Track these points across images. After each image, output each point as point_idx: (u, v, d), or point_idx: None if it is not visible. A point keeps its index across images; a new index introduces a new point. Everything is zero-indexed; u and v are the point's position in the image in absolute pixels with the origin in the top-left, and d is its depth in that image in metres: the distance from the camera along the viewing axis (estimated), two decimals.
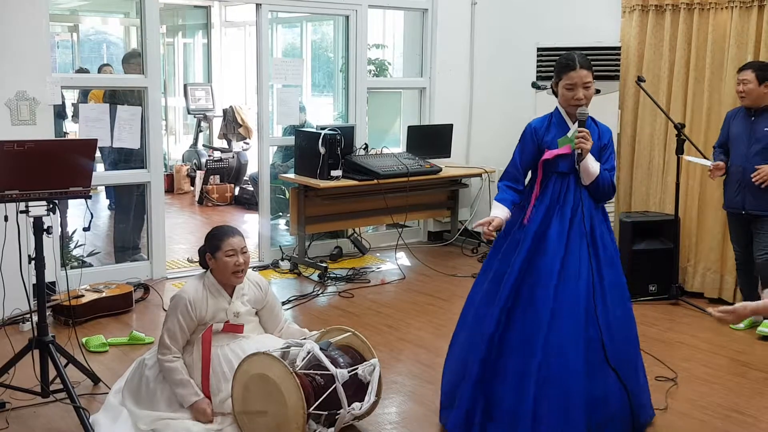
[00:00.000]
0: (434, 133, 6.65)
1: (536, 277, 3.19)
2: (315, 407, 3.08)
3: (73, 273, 4.85)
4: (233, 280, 3.40)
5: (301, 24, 9.44)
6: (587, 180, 3.22)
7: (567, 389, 3.05)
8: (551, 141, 3.26)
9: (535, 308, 3.15)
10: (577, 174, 3.23)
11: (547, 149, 3.25)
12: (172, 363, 3.29)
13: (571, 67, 3.18)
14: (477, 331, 3.28)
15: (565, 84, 3.19)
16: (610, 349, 3.11)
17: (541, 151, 3.28)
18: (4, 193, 3.20)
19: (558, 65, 3.25)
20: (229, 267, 3.35)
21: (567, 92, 3.20)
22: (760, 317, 4.77)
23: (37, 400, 3.50)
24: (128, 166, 5.72)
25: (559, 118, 3.30)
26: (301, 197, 5.85)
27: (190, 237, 7.19)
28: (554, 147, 3.24)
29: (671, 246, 5.20)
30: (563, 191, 3.25)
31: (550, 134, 3.28)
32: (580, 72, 3.16)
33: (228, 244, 3.35)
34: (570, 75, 3.17)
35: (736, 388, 3.90)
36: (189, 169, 9.53)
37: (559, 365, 3.07)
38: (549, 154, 3.23)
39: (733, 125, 4.69)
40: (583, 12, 5.97)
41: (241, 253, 3.37)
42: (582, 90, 3.17)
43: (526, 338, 3.14)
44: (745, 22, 4.99)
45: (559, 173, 3.27)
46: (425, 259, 6.32)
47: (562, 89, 3.22)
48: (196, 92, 9.59)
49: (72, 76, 6.58)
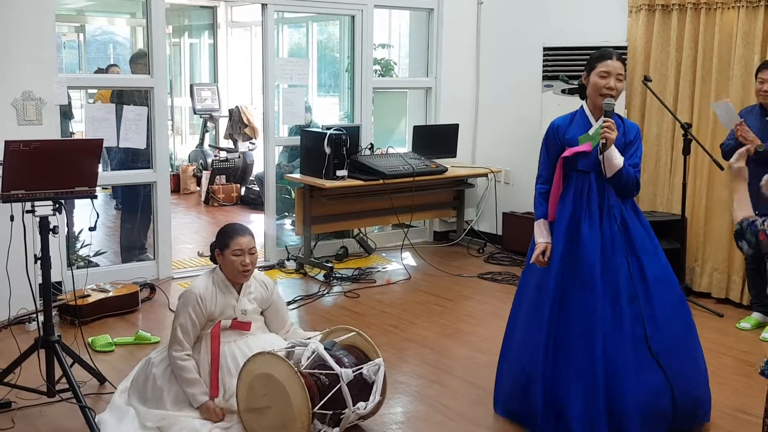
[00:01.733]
0: (440, 133, 6.64)
1: (578, 276, 3.22)
2: (320, 407, 3.07)
3: (79, 273, 4.86)
4: (240, 278, 3.44)
5: (306, 24, 9.45)
6: (610, 172, 3.18)
7: (619, 389, 3.10)
8: (572, 138, 3.28)
9: (582, 308, 3.19)
10: (598, 172, 3.22)
11: (568, 146, 3.26)
12: (185, 361, 3.31)
13: (608, 57, 3.22)
14: (530, 339, 3.32)
15: (600, 71, 3.21)
16: (658, 343, 3.15)
17: (564, 149, 3.29)
18: (11, 193, 3.21)
19: (592, 57, 3.28)
20: (236, 266, 3.38)
21: (600, 80, 3.20)
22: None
23: (43, 399, 3.50)
24: (134, 166, 5.73)
25: (583, 116, 3.32)
26: (307, 197, 5.85)
27: (196, 237, 7.20)
28: (575, 144, 3.24)
29: (678, 246, 5.18)
30: (585, 189, 3.27)
31: (571, 131, 3.30)
32: (616, 62, 3.21)
33: (236, 243, 3.38)
34: (606, 63, 3.20)
35: (742, 389, 3.88)
36: (195, 169, 9.54)
37: (612, 366, 3.13)
38: (569, 151, 3.24)
39: (746, 123, 4.63)
40: (590, 12, 5.96)
41: (249, 254, 3.39)
42: (614, 80, 3.20)
43: (578, 341, 3.18)
44: (752, 22, 4.97)
45: (579, 171, 3.28)
46: (431, 259, 6.31)
47: (595, 77, 3.22)
48: (202, 92, 9.61)
49: (78, 77, 6.61)
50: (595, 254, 3.20)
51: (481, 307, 5.24)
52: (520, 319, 3.46)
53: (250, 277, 3.48)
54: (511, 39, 6.57)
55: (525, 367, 3.34)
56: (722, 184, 5.17)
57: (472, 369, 4.10)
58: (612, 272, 3.20)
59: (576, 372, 3.16)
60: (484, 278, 5.87)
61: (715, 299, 5.27)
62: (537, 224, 3.37)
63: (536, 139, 5.88)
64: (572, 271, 3.23)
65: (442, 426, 3.46)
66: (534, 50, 5.90)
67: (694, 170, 5.30)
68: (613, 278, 3.19)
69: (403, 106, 7.33)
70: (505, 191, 6.72)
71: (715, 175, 5.20)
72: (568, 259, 3.25)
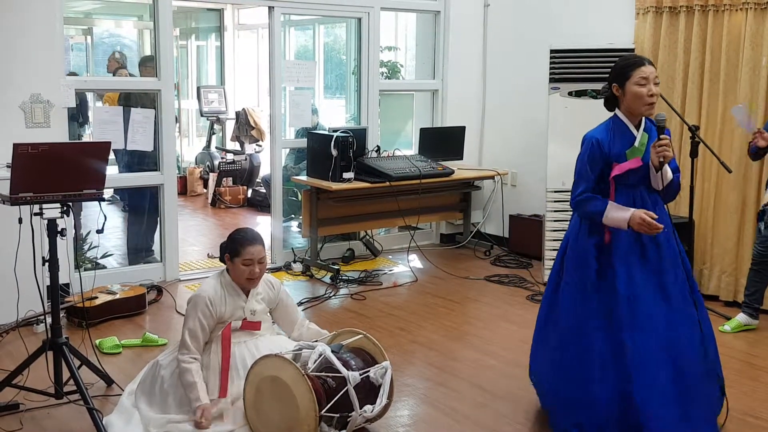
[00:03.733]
0: (447, 135, 6.64)
1: (645, 299, 3.14)
2: (327, 410, 3.07)
3: (86, 275, 4.87)
4: (247, 285, 3.46)
5: (313, 26, 9.46)
6: (662, 185, 3.14)
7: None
8: (619, 153, 3.13)
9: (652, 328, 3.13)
10: (647, 185, 3.16)
11: (615, 163, 3.12)
12: (188, 364, 3.31)
13: (641, 63, 3.10)
14: (587, 349, 3.19)
15: (638, 80, 3.08)
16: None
17: (609, 164, 3.14)
18: (19, 196, 3.22)
19: (623, 65, 3.14)
20: (244, 274, 3.40)
21: (640, 88, 3.08)
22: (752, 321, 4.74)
23: (50, 401, 3.51)
24: (141, 169, 5.74)
25: (621, 125, 3.18)
26: (314, 199, 5.85)
27: (203, 239, 7.21)
28: (623, 160, 3.10)
29: (686, 249, 5.14)
30: (638, 203, 3.15)
31: (615, 146, 3.14)
32: (650, 67, 3.10)
33: (247, 252, 3.39)
34: (641, 69, 3.08)
35: (751, 392, 3.86)
36: (202, 172, 9.56)
37: None
38: (619, 169, 3.10)
39: None
40: (597, 14, 5.95)
41: (258, 263, 3.41)
42: (653, 85, 3.08)
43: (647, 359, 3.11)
44: (760, 24, 4.96)
45: (628, 185, 3.16)
46: (437, 262, 6.31)
47: (633, 86, 3.09)
48: (209, 95, 9.64)
49: (86, 79, 6.62)
50: (657, 276, 3.15)
51: (487, 309, 5.23)
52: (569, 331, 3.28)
53: (257, 286, 3.50)
54: (517, 41, 6.57)
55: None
56: (730, 187, 5.15)
57: (479, 372, 4.09)
58: (680, 284, 3.19)
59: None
60: (491, 281, 5.86)
61: (723, 302, 5.24)
62: (608, 210, 3.10)
63: (543, 142, 5.92)
64: (640, 294, 3.13)
65: (449, 429, 3.46)
66: (541, 52, 5.88)
67: (702, 173, 5.28)
68: (680, 290, 3.18)
69: (410, 108, 7.33)
70: (512, 193, 6.71)
71: (722, 177, 5.18)
72: (633, 281, 3.15)
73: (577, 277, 3.25)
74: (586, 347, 3.19)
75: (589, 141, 3.20)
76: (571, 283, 3.27)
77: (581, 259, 3.24)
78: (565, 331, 3.28)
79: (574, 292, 3.25)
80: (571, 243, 3.31)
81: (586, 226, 3.24)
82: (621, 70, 3.14)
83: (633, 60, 3.13)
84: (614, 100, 3.22)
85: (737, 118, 4.72)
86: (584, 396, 3.17)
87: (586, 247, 3.22)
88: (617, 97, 3.19)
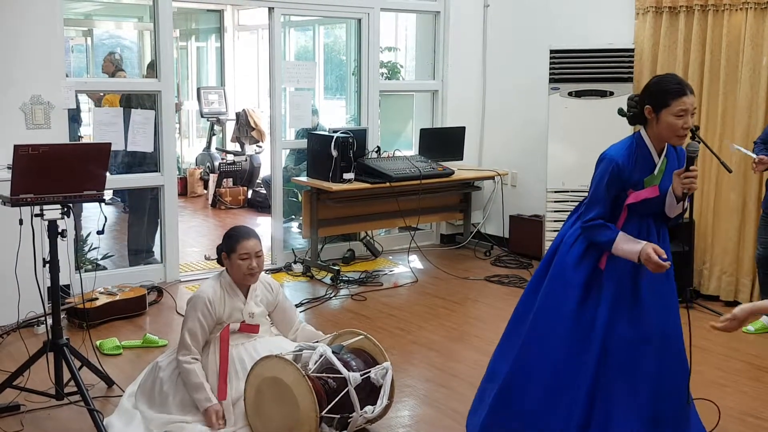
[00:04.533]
0: (447, 135, 6.64)
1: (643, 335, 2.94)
2: (327, 410, 3.07)
3: (87, 276, 4.87)
4: (247, 281, 3.45)
5: (313, 27, 9.46)
6: (675, 213, 2.94)
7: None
8: (638, 181, 2.90)
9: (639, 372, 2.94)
10: (656, 215, 2.96)
11: (632, 189, 2.90)
12: (190, 365, 3.31)
13: (683, 93, 2.79)
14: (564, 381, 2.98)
15: (677, 111, 2.79)
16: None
17: (625, 190, 2.91)
18: (19, 197, 3.22)
19: (662, 89, 2.84)
20: (243, 269, 3.39)
21: (677, 120, 2.79)
22: (762, 316, 4.73)
23: (51, 402, 3.51)
24: (142, 170, 5.74)
25: (645, 151, 2.91)
26: (314, 200, 5.85)
27: (203, 240, 7.21)
28: (640, 188, 2.89)
29: (686, 249, 5.17)
30: (644, 234, 2.92)
31: (636, 173, 2.90)
32: (691, 97, 2.81)
33: (243, 246, 3.39)
34: (683, 100, 2.78)
35: (752, 392, 3.87)
36: (202, 173, 9.56)
37: None
38: (635, 197, 2.89)
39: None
40: (596, 14, 5.95)
41: (255, 257, 3.40)
42: (690, 117, 2.81)
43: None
44: (760, 24, 4.96)
45: (638, 215, 2.93)
46: (438, 262, 6.31)
47: (669, 117, 2.80)
48: (209, 96, 9.64)
49: (86, 80, 6.63)
50: (656, 314, 2.96)
51: (488, 309, 5.23)
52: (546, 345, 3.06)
53: (257, 279, 3.49)
54: (517, 41, 6.57)
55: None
56: (730, 187, 5.15)
57: (479, 372, 4.06)
58: (673, 337, 3.01)
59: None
60: (491, 281, 5.86)
61: (723, 302, 5.24)
62: (618, 242, 2.86)
63: (543, 142, 5.93)
64: (635, 327, 2.94)
65: (450, 429, 3.46)
66: (541, 53, 5.89)
67: (702, 173, 5.28)
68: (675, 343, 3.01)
69: (410, 108, 7.33)
70: (512, 194, 6.72)
71: (722, 177, 5.18)
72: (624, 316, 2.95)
73: (555, 292, 3.07)
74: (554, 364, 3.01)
75: (609, 163, 2.91)
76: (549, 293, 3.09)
77: (565, 281, 3.04)
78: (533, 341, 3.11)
79: (550, 307, 3.06)
80: (559, 257, 3.09)
81: (580, 249, 3.02)
82: (661, 96, 2.84)
83: (675, 88, 2.81)
84: (642, 119, 2.93)
85: (740, 151, 4.70)
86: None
87: (573, 276, 3.02)
88: (646, 118, 2.90)
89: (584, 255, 3.00)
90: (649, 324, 2.95)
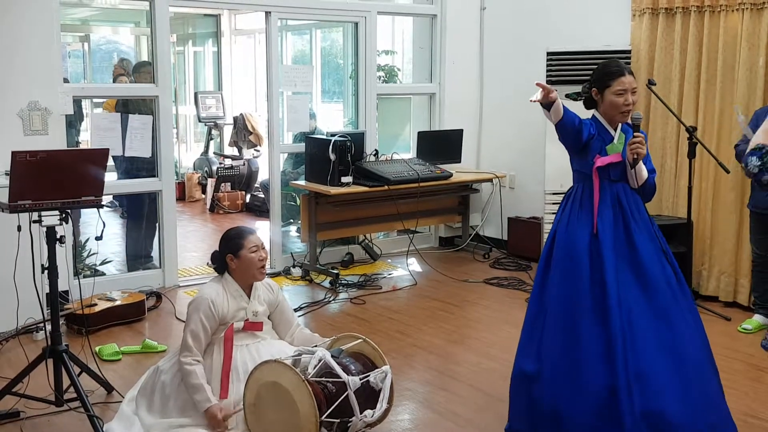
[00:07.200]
0: (444, 138, 6.64)
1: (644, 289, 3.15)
2: (327, 415, 3.07)
3: (85, 282, 4.86)
4: (258, 276, 3.47)
5: (310, 31, 9.47)
6: (638, 183, 3.24)
7: None
8: (600, 148, 3.24)
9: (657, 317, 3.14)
10: (626, 180, 3.25)
11: (598, 155, 3.23)
12: (191, 366, 3.30)
13: (620, 73, 3.18)
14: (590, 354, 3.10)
15: (616, 90, 3.18)
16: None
17: (583, 145, 3.23)
18: (18, 203, 3.22)
19: (603, 73, 3.23)
20: (255, 263, 3.42)
21: (617, 98, 3.18)
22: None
23: (51, 409, 3.51)
24: (140, 175, 5.74)
25: (600, 125, 3.27)
26: (312, 204, 5.85)
27: (201, 245, 7.21)
28: (603, 154, 3.22)
29: (685, 250, 5.17)
30: (619, 197, 3.24)
31: (597, 142, 3.25)
32: (629, 77, 3.19)
33: (250, 240, 3.43)
34: (621, 80, 3.17)
35: (752, 393, 3.87)
36: (200, 177, 9.56)
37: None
38: (601, 161, 3.21)
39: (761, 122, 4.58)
40: (593, 16, 5.96)
41: (262, 248, 3.46)
42: (631, 95, 3.19)
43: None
44: (756, 24, 4.97)
45: (610, 180, 3.25)
46: (436, 265, 6.31)
47: (611, 96, 3.20)
48: (206, 100, 9.64)
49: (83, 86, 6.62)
50: (654, 265, 3.17)
51: (487, 312, 5.23)
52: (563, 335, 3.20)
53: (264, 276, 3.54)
54: (514, 44, 6.58)
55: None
56: (728, 187, 5.15)
57: (479, 375, 4.09)
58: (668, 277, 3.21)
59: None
60: (490, 283, 5.86)
61: (722, 303, 5.25)
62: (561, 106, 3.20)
63: (541, 144, 5.93)
64: (636, 282, 3.16)
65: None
66: (538, 55, 5.90)
67: (700, 173, 5.28)
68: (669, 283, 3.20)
69: (408, 111, 7.34)
70: (510, 196, 6.72)
71: (720, 178, 5.18)
72: (629, 271, 3.16)
73: (566, 270, 3.24)
74: (578, 340, 3.15)
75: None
76: (560, 276, 3.26)
77: (572, 249, 3.24)
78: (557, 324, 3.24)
79: (565, 286, 3.23)
80: (560, 233, 3.31)
81: (576, 216, 3.28)
82: (602, 78, 3.23)
83: (614, 69, 3.21)
84: (593, 102, 3.32)
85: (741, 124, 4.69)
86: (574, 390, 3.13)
87: (576, 238, 3.24)
88: (595, 100, 3.29)
89: (577, 222, 3.25)
90: (651, 270, 3.17)
